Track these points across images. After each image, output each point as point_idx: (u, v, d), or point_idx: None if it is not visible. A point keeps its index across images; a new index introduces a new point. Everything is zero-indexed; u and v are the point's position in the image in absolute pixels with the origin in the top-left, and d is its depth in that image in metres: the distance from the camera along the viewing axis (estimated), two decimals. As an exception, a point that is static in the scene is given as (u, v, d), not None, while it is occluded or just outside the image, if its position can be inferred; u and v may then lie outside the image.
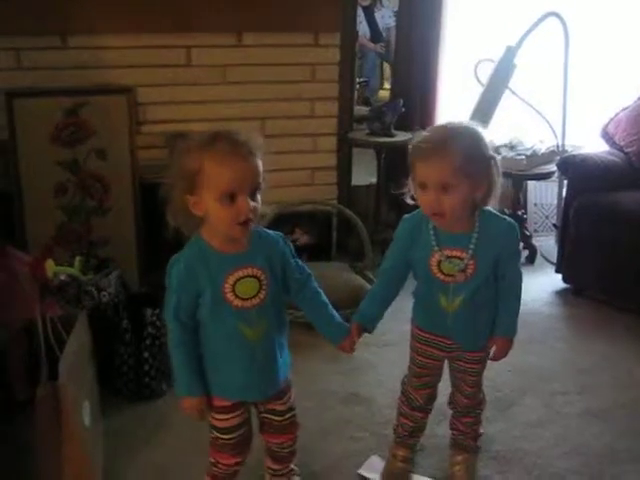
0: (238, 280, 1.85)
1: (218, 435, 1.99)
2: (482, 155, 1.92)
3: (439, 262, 2.02)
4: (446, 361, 2.25)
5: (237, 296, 1.85)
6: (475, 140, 1.93)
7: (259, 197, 1.80)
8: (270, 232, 1.95)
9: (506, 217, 2.07)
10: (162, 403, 2.76)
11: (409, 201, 2.06)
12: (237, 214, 1.76)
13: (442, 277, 2.03)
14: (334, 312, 2.08)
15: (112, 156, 3.41)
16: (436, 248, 2.01)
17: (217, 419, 1.97)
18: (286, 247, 1.96)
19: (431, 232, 2.02)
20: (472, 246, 1.98)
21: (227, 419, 1.96)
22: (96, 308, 2.76)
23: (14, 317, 2.37)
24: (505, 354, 2.16)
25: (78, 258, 2.88)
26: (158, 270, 3.41)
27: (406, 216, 2.11)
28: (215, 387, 1.92)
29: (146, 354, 2.74)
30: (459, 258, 2.00)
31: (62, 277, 2.77)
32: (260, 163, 1.78)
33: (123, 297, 2.91)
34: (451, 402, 2.36)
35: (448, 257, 2.00)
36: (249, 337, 1.88)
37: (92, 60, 3.39)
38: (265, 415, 2.07)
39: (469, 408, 2.32)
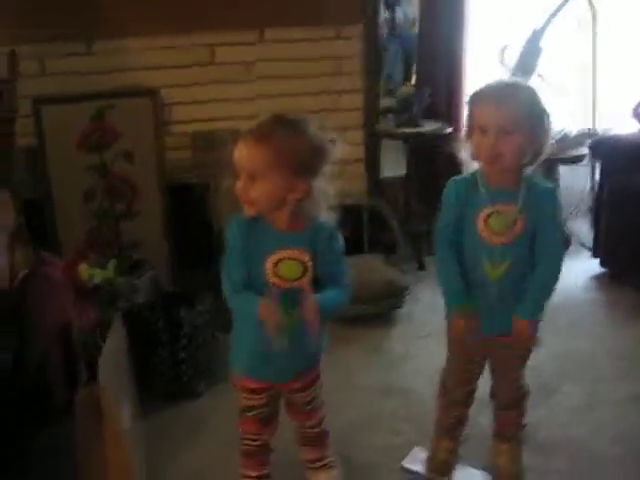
0: (280, 260, 1.86)
1: (245, 411, 2.10)
2: (540, 109, 1.95)
3: (488, 216, 1.99)
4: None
5: (278, 276, 1.87)
6: (534, 94, 1.96)
7: (266, 185, 1.80)
8: (326, 223, 1.92)
9: (550, 184, 2.05)
10: (200, 403, 2.76)
11: (462, 155, 2.06)
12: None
13: (488, 236, 2.00)
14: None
15: (139, 159, 3.41)
16: (488, 203, 1.99)
17: (245, 398, 2.07)
18: (332, 241, 1.93)
19: (482, 189, 2.00)
20: (520, 200, 1.97)
21: (251, 399, 2.06)
22: (131, 310, 2.76)
23: (51, 322, 2.37)
24: (525, 339, 2.06)
25: (112, 261, 2.88)
26: (190, 270, 3.45)
27: (454, 177, 2.09)
28: (243, 369, 2.03)
29: (183, 354, 2.73)
30: (508, 213, 1.98)
31: (96, 280, 2.77)
32: (271, 154, 1.79)
33: (157, 298, 2.90)
34: (493, 395, 2.32)
35: (498, 211, 1.99)
36: (286, 321, 1.87)
37: (116, 64, 3.39)
38: (290, 399, 2.13)
39: (511, 402, 2.27)
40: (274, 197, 1.83)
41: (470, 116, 2.00)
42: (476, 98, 1.99)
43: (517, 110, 1.90)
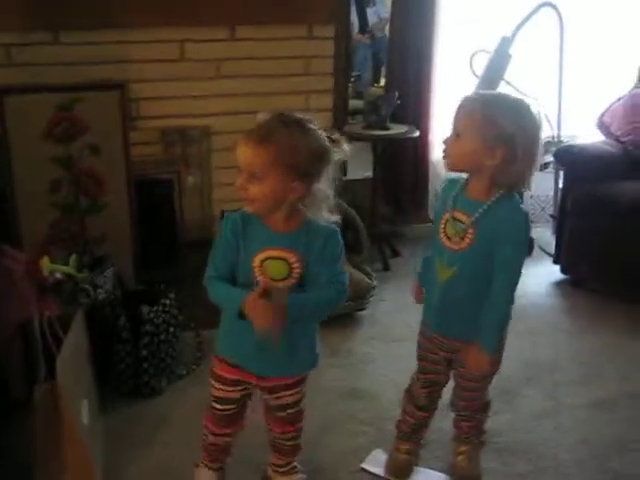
0: (267, 259, 1.87)
1: (212, 404, 2.10)
2: (502, 121, 1.87)
3: (446, 222, 2.02)
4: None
5: (264, 274, 1.87)
6: (503, 108, 1.90)
7: (265, 185, 1.79)
8: (323, 225, 1.90)
9: (521, 206, 2.00)
10: (161, 401, 2.73)
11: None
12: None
13: (444, 240, 2.03)
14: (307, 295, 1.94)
15: (106, 152, 3.36)
16: (450, 207, 2.02)
17: (216, 387, 2.07)
18: (328, 242, 1.90)
19: (455, 193, 2.03)
20: (477, 214, 1.96)
21: (224, 390, 2.06)
22: (92, 306, 2.73)
23: (10, 316, 2.34)
24: (477, 369, 2.08)
25: (73, 256, 2.85)
26: (154, 267, 3.42)
27: (448, 177, 2.14)
28: (222, 347, 2.03)
29: (144, 352, 2.71)
30: (462, 222, 1.99)
31: (58, 275, 2.74)
32: (273, 153, 1.77)
33: (119, 295, 2.87)
34: (452, 404, 2.33)
35: (454, 218, 2.00)
36: None
37: (84, 56, 3.34)
38: (270, 403, 2.11)
39: (469, 412, 2.29)
40: (273, 198, 1.82)
41: None
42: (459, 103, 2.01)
43: (472, 118, 1.89)
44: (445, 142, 1.98)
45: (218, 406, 2.09)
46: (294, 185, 1.81)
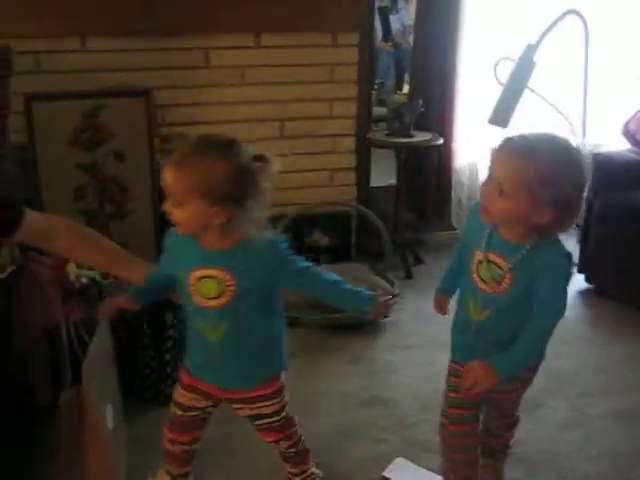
0: (201, 278, 1.88)
1: (173, 407, 2.13)
2: (559, 183, 1.74)
3: (479, 262, 1.90)
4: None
5: (198, 293, 1.90)
6: (559, 166, 1.75)
7: (185, 211, 1.78)
8: (262, 238, 1.85)
9: (563, 248, 1.87)
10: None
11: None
12: None
13: (477, 280, 1.92)
14: (347, 286, 1.98)
15: (131, 159, 3.40)
16: (483, 246, 1.89)
17: (180, 394, 2.10)
18: (277, 250, 1.89)
19: (487, 230, 1.90)
20: (514, 259, 1.83)
21: (187, 397, 2.08)
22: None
23: (37, 321, 2.36)
24: (472, 381, 1.85)
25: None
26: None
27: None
28: (187, 358, 2.10)
29: (167, 357, 2.72)
30: (498, 266, 1.87)
31: (83, 280, 2.76)
32: (188, 180, 1.75)
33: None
34: (482, 423, 2.27)
35: (489, 260, 1.88)
36: (209, 336, 1.94)
37: (110, 63, 3.39)
38: (243, 413, 2.10)
39: (499, 430, 2.27)
40: (195, 223, 1.81)
41: None
42: (499, 144, 1.84)
43: (523, 174, 1.73)
44: (485, 193, 1.83)
45: (179, 411, 2.10)
46: (214, 211, 1.77)
